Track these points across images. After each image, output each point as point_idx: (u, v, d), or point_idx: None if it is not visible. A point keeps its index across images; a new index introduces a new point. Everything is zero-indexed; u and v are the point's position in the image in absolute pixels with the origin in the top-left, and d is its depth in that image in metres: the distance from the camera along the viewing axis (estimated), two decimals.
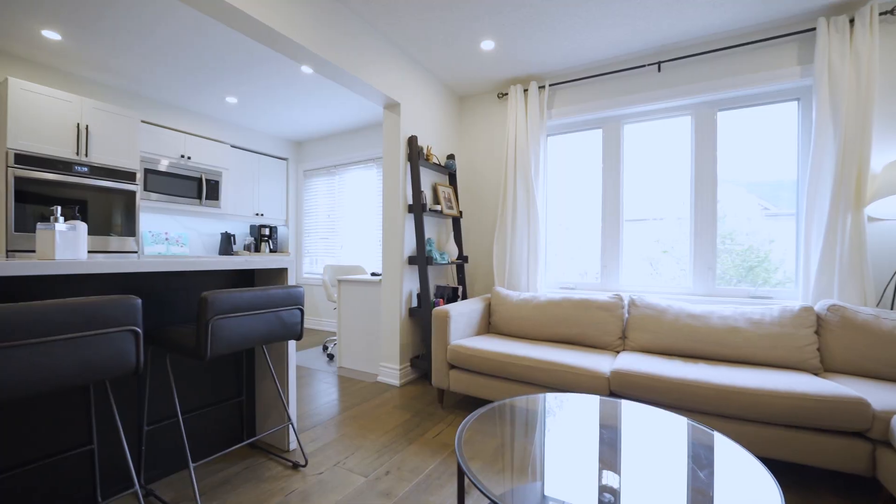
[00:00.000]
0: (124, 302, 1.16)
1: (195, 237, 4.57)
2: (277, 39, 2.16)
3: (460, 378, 2.52)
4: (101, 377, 1.13)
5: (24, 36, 2.85)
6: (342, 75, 2.59)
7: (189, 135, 4.16)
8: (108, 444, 1.59)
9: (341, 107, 4.15)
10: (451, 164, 3.49)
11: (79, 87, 3.50)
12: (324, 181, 5.28)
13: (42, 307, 1.01)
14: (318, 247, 5.36)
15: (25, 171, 2.91)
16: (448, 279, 3.69)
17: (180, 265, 1.52)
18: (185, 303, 1.83)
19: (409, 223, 3.15)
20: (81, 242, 1.55)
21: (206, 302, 1.37)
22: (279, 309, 1.62)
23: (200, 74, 3.43)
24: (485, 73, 3.35)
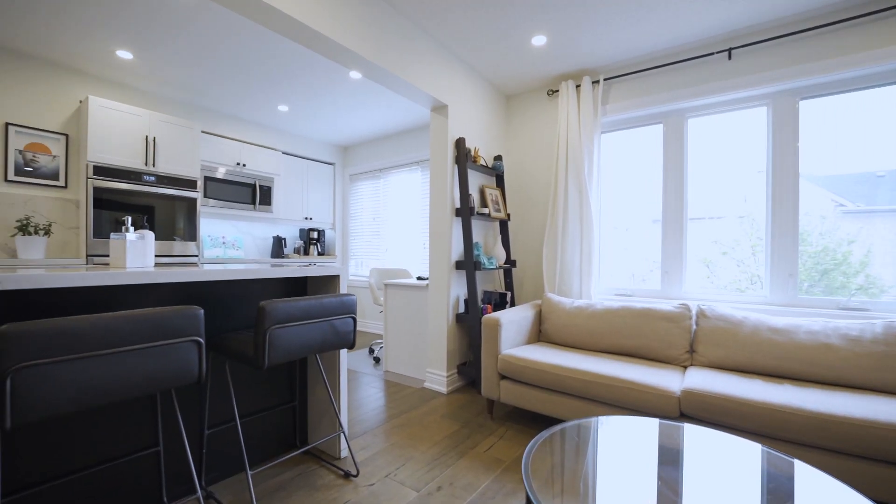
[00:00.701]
0: (188, 312, 1.17)
1: (249, 241, 4.77)
2: (329, 46, 2.17)
3: (512, 389, 2.41)
4: (167, 387, 1.14)
5: (101, 57, 3.07)
6: (390, 79, 2.56)
7: (244, 143, 4.34)
8: (172, 446, 1.64)
9: (387, 110, 4.16)
10: (499, 166, 3.39)
11: (147, 102, 3.74)
12: (369, 185, 5.34)
13: (115, 319, 1.03)
14: (363, 249, 5.43)
15: (102, 182, 3.14)
16: (495, 284, 3.59)
17: (240, 274, 1.54)
18: (241, 308, 1.87)
19: (457, 227, 3.08)
20: (149, 250, 1.61)
21: (264, 312, 1.36)
22: (332, 318, 1.60)
23: (255, 85, 3.55)
24: (534, 70, 3.22)
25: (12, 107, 3.02)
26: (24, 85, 3.07)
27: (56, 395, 0.95)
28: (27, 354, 0.90)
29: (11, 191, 3.02)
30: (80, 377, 0.98)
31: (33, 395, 0.92)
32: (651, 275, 3.16)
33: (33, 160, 3.10)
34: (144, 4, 2.43)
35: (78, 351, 0.97)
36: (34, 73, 3.11)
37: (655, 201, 3.10)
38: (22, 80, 3.06)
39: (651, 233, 3.16)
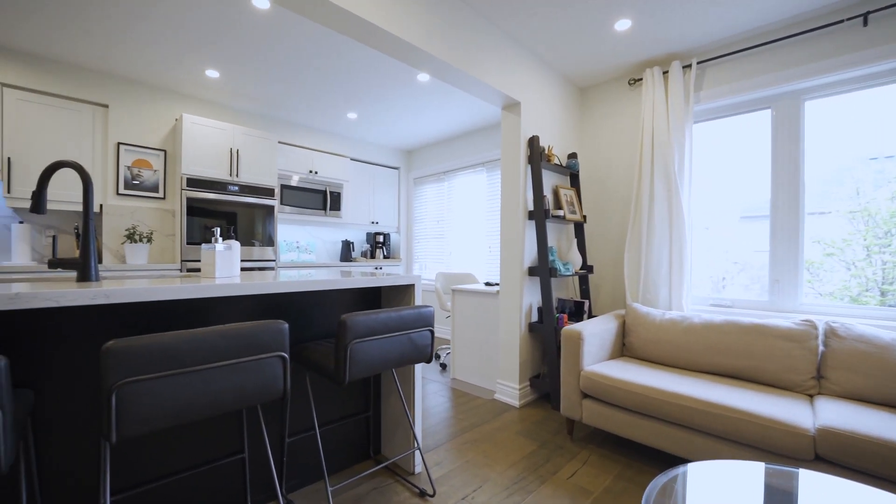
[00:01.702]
0: (274, 327, 1.15)
1: (320, 245, 4.95)
2: (401, 47, 2.12)
3: (596, 410, 2.19)
4: (253, 402, 1.12)
5: (193, 77, 3.32)
6: (461, 77, 2.46)
7: (316, 151, 4.51)
8: (256, 453, 1.66)
9: (452, 112, 4.09)
10: (574, 164, 3.16)
11: (231, 117, 4.00)
12: (433, 188, 5.32)
13: (208, 334, 1.02)
14: (427, 253, 5.42)
15: (194, 192, 3.39)
16: (569, 291, 3.35)
17: (323, 285, 1.51)
18: (319, 317, 1.86)
19: (529, 230, 2.91)
20: (235, 260, 1.65)
21: (346, 326, 1.32)
22: (410, 331, 1.53)
23: (327, 95, 3.65)
24: (614, 59, 2.95)
25: (122, 128, 3.36)
26: (132, 107, 3.41)
27: (156, 411, 0.95)
28: (130, 370, 0.91)
29: (121, 203, 3.37)
30: (177, 393, 0.98)
31: (135, 411, 0.92)
32: (736, 280, 2.76)
33: (138, 175, 3.43)
34: (230, 22, 2.55)
35: (176, 367, 0.97)
36: (139, 96, 3.44)
37: (745, 196, 2.71)
38: (130, 103, 3.39)
39: (738, 232, 2.76)
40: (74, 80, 3.16)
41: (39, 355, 1.18)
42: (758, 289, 2.73)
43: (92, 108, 3.23)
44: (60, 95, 3.11)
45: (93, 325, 1.27)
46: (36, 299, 0.96)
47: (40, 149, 3.00)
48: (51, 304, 0.98)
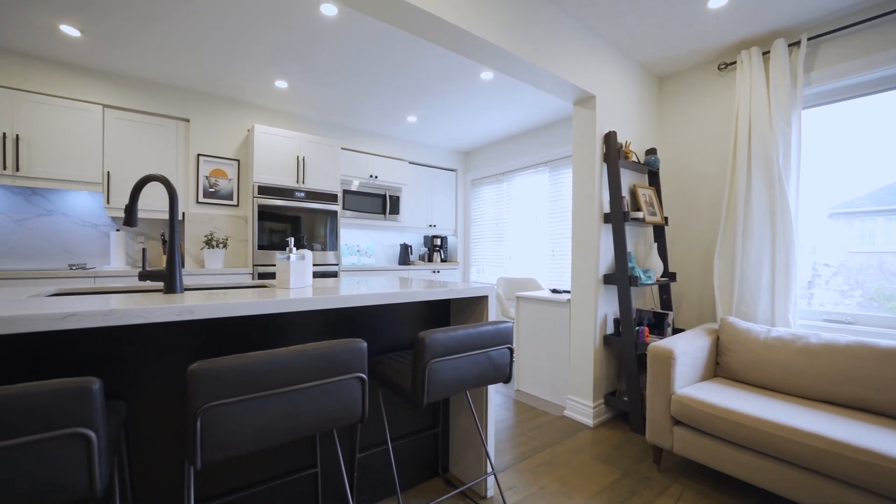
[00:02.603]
0: (353, 347, 1.07)
1: (380, 248, 4.99)
2: (470, 42, 2.00)
3: (690, 440, 1.93)
4: (332, 426, 1.05)
5: (264, 89, 3.45)
6: (531, 72, 2.30)
7: (376, 156, 4.54)
8: (329, 468, 1.62)
9: (513, 110, 3.92)
10: (653, 161, 2.87)
11: (296, 125, 4.13)
12: (491, 189, 5.17)
13: (288, 355, 0.96)
14: (484, 256, 5.28)
15: (264, 199, 3.52)
16: (646, 301, 3.06)
17: (399, 297, 1.43)
18: (388, 328, 1.79)
19: (605, 234, 2.67)
20: (308, 270, 1.62)
21: (424, 344, 1.22)
22: (489, 349, 1.40)
23: (388, 99, 3.64)
24: (701, 41, 2.64)
25: (202, 140, 3.57)
26: (210, 120, 3.61)
27: (239, 435, 0.90)
28: (215, 394, 0.87)
29: (200, 211, 3.58)
30: (259, 416, 0.93)
31: (219, 435, 0.88)
32: (831, 284, 2.35)
33: (215, 184, 3.64)
34: (298, 33, 2.59)
35: (259, 389, 0.92)
36: (216, 109, 3.64)
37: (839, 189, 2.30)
38: (209, 116, 3.60)
39: (828, 230, 2.35)
40: (160, 97, 3.40)
41: (129, 365, 1.20)
42: (859, 295, 2.33)
43: (175, 122, 3.47)
44: (149, 112, 3.36)
45: (175, 333, 1.28)
46: (128, 316, 0.95)
47: (132, 162, 3.26)
48: (140, 320, 0.97)
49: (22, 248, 3.05)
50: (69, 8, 2.35)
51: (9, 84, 2.85)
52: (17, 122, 2.82)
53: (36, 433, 0.70)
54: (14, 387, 0.69)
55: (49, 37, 2.66)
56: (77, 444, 0.74)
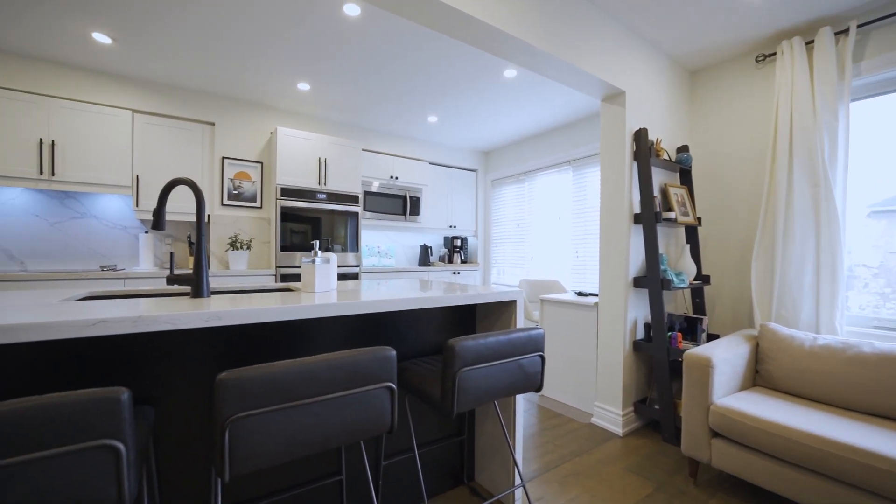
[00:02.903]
0: (381, 355, 1.03)
1: (400, 249, 4.98)
2: (496, 38, 1.94)
3: (731, 453, 1.82)
4: (360, 437, 1.02)
5: (286, 91, 3.47)
6: (558, 67, 2.23)
7: (396, 157, 4.53)
8: (353, 475, 1.59)
9: (536, 109, 3.84)
10: (685, 159, 2.74)
11: (318, 127, 4.15)
12: (512, 189, 5.09)
13: (316, 364, 0.93)
14: (505, 257, 5.20)
15: (287, 201, 3.54)
16: (677, 304, 2.93)
17: (426, 302, 1.39)
18: (412, 332, 1.75)
19: (635, 235, 2.57)
20: (332, 273, 1.59)
21: (454, 352, 1.17)
22: (520, 357, 1.34)
23: (409, 100, 3.61)
24: (738, 32, 2.50)
25: (226, 143, 3.62)
26: (234, 123, 3.66)
27: (267, 447, 0.87)
28: (243, 404, 0.84)
29: (225, 213, 3.63)
30: (287, 428, 0.89)
31: (248, 447, 0.85)
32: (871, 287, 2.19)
33: (239, 186, 3.68)
34: (320, 34, 2.58)
35: (286, 400, 0.89)
36: (241, 112, 3.69)
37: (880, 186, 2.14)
38: (233, 119, 3.65)
39: (865, 230, 2.19)
40: (187, 101, 3.46)
41: (157, 369, 1.19)
42: None
43: (201, 126, 3.52)
44: (176, 116, 3.43)
45: (201, 336, 1.27)
46: (155, 322, 0.94)
47: (160, 166, 3.33)
48: (169, 326, 0.95)
49: (56, 250, 3.15)
50: (101, 15, 2.40)
51: (45, 91, 2.94)
52: (53, 128, 2.91)
53: (64, 445, 0.68)
54: (41, 398, 0.67)
55: (82, 44, 2.72)
56: (106, 457, 0.72)
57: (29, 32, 2.58)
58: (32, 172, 2.84)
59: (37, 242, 3.09)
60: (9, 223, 3.02)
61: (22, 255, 3.06)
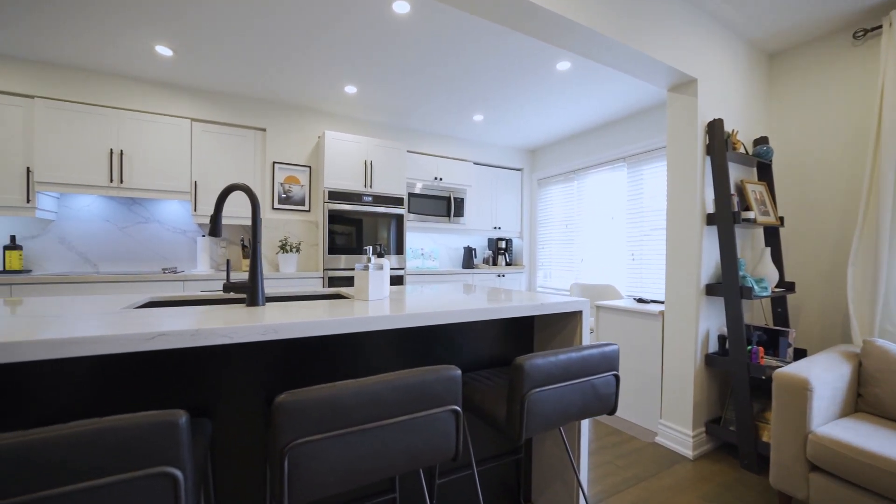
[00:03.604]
0: (446, 375, 0.94)
1: (443, 251, 4.90)
2: (556, 25, 1.80)
3: (834, 492, 1.57)
4: (423, 465, 0.92)
5: (334, 95, 3.49)
6: (621, 55, 2.05)
7: (440, 158, 4.46)
8: (408, 494, 1.51)
9: (587, 104, 3.62)
10: (764, 152, 2.45)
11: (364, 129, 4.16)
12: (559, 189, 4.87)
13: (377, 385, 0.85)
14: (552, 260, 4.99)
15: (334, 204, 3.56)
16: (754, 314, 2.64)
17: (491, 313, 1.28)
18: (466, 343, 1.65)
19: (708, 238, 2.32)
20: (385, 280, 1.52)
21: (522, 372, 1.05)
22: (594, 377, 1.20)
23: (455, 99, 3.52)
24: (828, 5, 2.20)
25: (277, 148, 3.70)
26: (284, 128, 3.73)
27: (326, 476, 0.80)
28: (302, 429, 0.77)
29: (275, 217, 3.71)
30: (347, 455, 0.82)
31: (308, 476, 0.78)
32: None
33: (289, 190, 3.75)
34: (368, 35, 2.55)
35: (347, 424, 0.81)
36: (290, 117, 3.76)
37: None
38: (283, 124, 3.73)
39: None
40: (240, 109, 3.56)
41: (212, 379, 1.17)
42: None
43: (253, 132, 3.62)
44: (230, 124, 3.54)
45: (254, 346, 1.23)
46: (213, 336, 0.89)
47: (215, 171, 3.45)
48: (226, 340, 0.91)
49: (125, 253, 3.34)
50: (164, 29, 2.49)
51: (113, 104, 3.12)
52: (121, 138, 3.08)
53: (121, 473, 0.63)
54: (100, 422, 0.63)
55: (146, 57, 2.86)
56: (163, 485, 0.67)
57: (98, 48, 2.73)
58: (103, 180, 3.02)
59: (108, 246, 3.30)
60: (84, 228, 3.24)
61: (95, 257, 3.27)
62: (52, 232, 3.16)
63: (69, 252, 3.20)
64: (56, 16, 2.36)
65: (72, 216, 3.21)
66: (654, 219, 3.71)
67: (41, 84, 2.93)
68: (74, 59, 2.88)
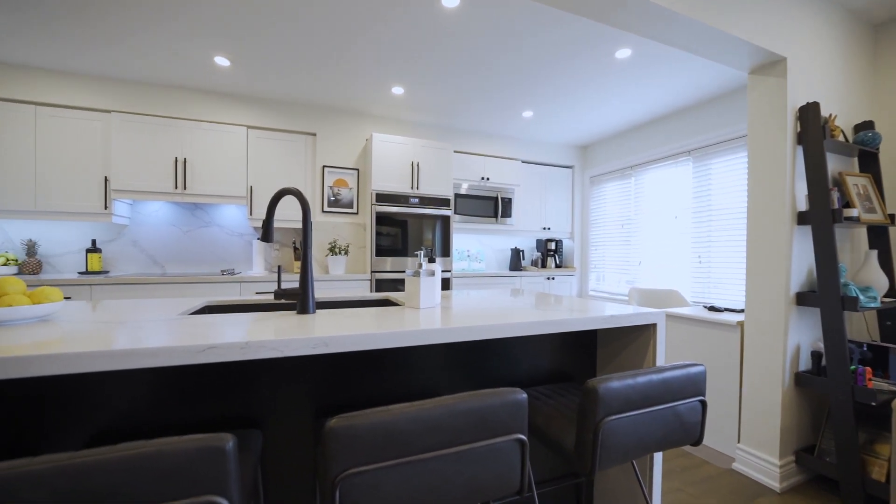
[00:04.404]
0: (511, 399, 0.83)
1: (490, 253, 4.78)
2: (622, 5, 1.63)
3: None
4: (484, 499, 0.82)
5: (382, 97, 3.49)
6: (696, 35, 1.83)
7: (488, 157, 4.34)
8: None
9: (648, 93, 3.35)
10: (870, 139, 2.11)
11: (410, 130, 4.13)
12: (614, 186, 4.58)
13: (433, 411, 0.76)
14: (606, 262, 4.70)
15: (381, 207, 3.56)
16: (853, 328, 2.29)
17: (551, 326, 1.16)
18: (524, 355, 1.53)
19: (800, 239, 2.03)
20: (437, 287, 1.44)
21: (596, 396, 0.92)
22: (677, 403, 1.04)
23: (504, 96, 3.40)
24: None
25: (326, 152, 3.76)
26: (333, 132, 3.79)
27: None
28: (356, 458, 0.70)
29: (325, 219, 3.77)
30: (403, 487, 0.74)
31: None
32: None
33: (338, 193, 3.80)
34: (416, 33, 2.49)
35: (404, 453, 0.73)
36: (338, 121, 3.80)
37: None
38: (332, 128, 3.78)
39: None
40: (292, 114, 3.66)
41: (262, 390, 1.14)
42: None
43: (304, 137, 3.70)
44: (283, 129, 3.64)
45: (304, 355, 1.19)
46: (263, 349, 0.85)
47: (269, 176, 3.56)
48: (276, 353, 0.86)
49: (188, 255, 3.54)
50: (221, 39, 2.59)
51: (178, 115, 3.30)
52: (184, 146, 3.25)
53: (165, 501, 0.59)
54: (143, 444, 0.59)
55: (205, 68, 2.99)
56: None
57: (164, 63, 2.89)
58: (169, 187, 3.21)
59: (173, 248, 3.50)
60: (153, 232, 3.46)
61: (163, 259, 3.48)
62: (127, 236, 3.40)
63: (141, 254, 3.43)
64: (128, 37, 2.52)
65: (143, 221, 3.44)
66: (724, 218, 3.36)
67: (116, 99, 3.16)
68: (144, 74, 3.07)
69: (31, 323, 1.06)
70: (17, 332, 0.91)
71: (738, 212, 3.25)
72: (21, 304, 1.05)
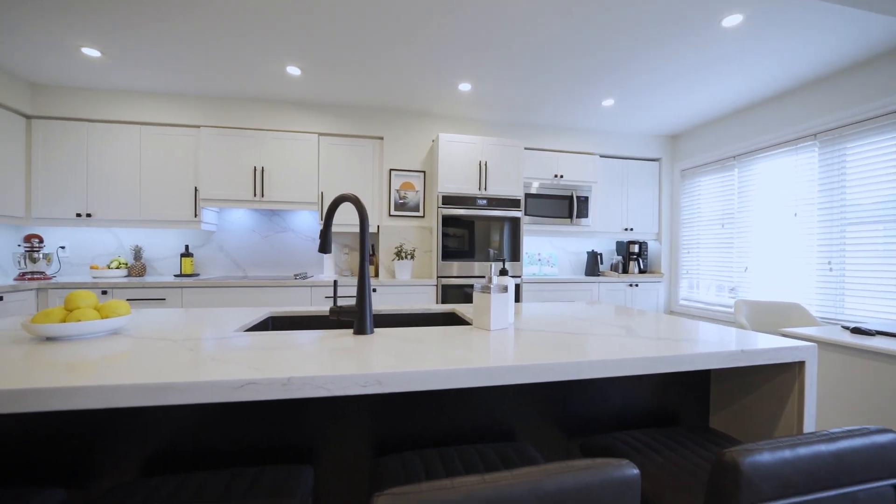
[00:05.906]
0: (618, 478, 0.61)
1: (563, 256, 4.44)
2: None
3: None
4: None
5: (448, 95, 3.35)
6: None
7: (561, 153, 4.02)
8: None
9: (760, 66, 2.81)
10: None
11: (478, 128, 3.95)
12: (712, 180, 3.98)
13: (510, 490, 0.56)
14: (702, 267, 4.11)
15: (447, 210, 3.42)
16: None
17: (662, 364, 0.91)
18: (614, 391, 1.26)
19: None
20: (510, 305, 1.24)
21: (739, 475, 0.66)
22: (858, 486, 0.73)
23: (579, 84, 3.08)
24: None
25: (393, 155, 3.73)
26: (399, 135, 3.74)
27: None
28: None
29: (392, 223, 3.74)
30: None
31: None
32: None
33: (404, 196, 3.74)
34: (483, 26, 2.30)
35: None
36: (405, 123, 3.75)
37: None
38: (398, 131, 3.74)
39: None
40: (360, 120, 3.67)
41: (313, 421, 1.03)
42: None
43: (371, 141, 3.70)
44: (351, 135, 3.67)
45: None
46: (307, 387, 0.72)
47: (338, 182, 3.60)
48: (322, 392, 0.73)
49: (266, 259, 3.72)
50: (291, 49, 2.63)
51: (256, 126, 3.47)
52: (262, 156, 3.41)
53: None
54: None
55: (279, 79, 3.09)
56: None
57: (244, 76, 3.03)
58: (249, 195, 3.38)
59: (253, 253, 3.70)
60: (235, 237, 3.68)
61: (245, 263, 3.69)
62: (214, 241, 3.66)
63: (226, 258, 3.67)
64: (213, 56, 2.66)
65: (227, 227, 3.68)
66: (862, 215, 2.71)
67: (205, 114, 3.40)
68: (226, 89, 3.26)
69: (100, 336, 1.06)
70: (83, 346, 0.89)
71: (885, 208, 2.60)
72: (91, 319, 1.06)
